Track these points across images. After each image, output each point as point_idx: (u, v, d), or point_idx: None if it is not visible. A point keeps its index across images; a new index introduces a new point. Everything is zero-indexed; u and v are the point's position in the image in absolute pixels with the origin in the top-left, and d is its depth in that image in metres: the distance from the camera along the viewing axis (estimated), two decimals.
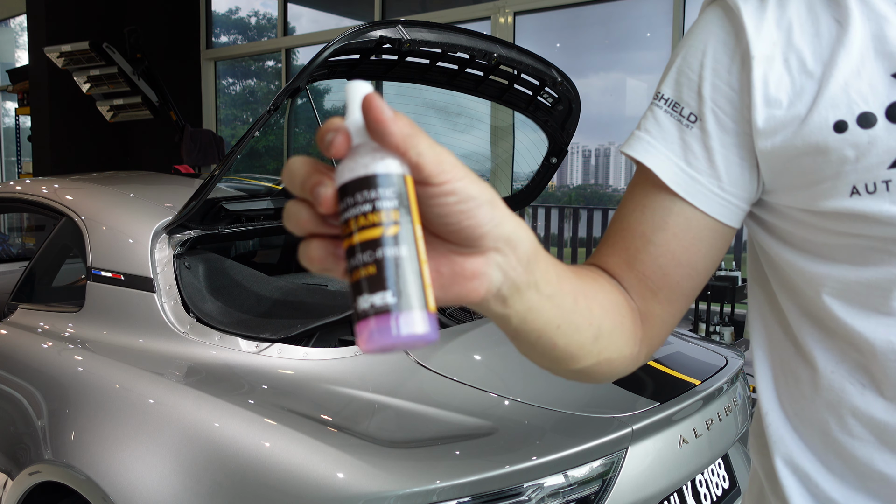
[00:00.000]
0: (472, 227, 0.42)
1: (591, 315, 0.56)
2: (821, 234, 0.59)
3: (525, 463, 1.28)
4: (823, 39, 0.57)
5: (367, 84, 0.39)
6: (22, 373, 1.80)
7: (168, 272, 1.81)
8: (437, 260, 0.44)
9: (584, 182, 5.47)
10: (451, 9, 4.65)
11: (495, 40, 2.08)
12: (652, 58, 4.23)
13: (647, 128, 0.64)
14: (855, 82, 0.54)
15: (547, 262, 0.51)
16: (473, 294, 0.45)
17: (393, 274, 0.37)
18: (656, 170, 0.62)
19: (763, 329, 0.69)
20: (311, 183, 0.39)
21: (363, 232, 0.37)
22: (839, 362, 0.60)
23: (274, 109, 1.69)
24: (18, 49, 8.77)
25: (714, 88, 0.60)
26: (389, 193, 0.38)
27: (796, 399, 0.64)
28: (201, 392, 1.49)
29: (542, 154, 2.52)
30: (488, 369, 1.68)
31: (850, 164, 0.54)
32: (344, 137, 0.39)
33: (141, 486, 1.40)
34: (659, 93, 0.64)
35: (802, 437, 0.64)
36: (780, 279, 0.65)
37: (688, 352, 1.93)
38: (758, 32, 0.58)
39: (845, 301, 0.58)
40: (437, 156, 0.40)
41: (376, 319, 0.37)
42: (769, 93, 0.57)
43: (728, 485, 1.74)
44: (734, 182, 0.61)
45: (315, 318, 1.70)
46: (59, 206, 2.07)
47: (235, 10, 6.64)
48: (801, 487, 0.64)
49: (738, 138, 0.60)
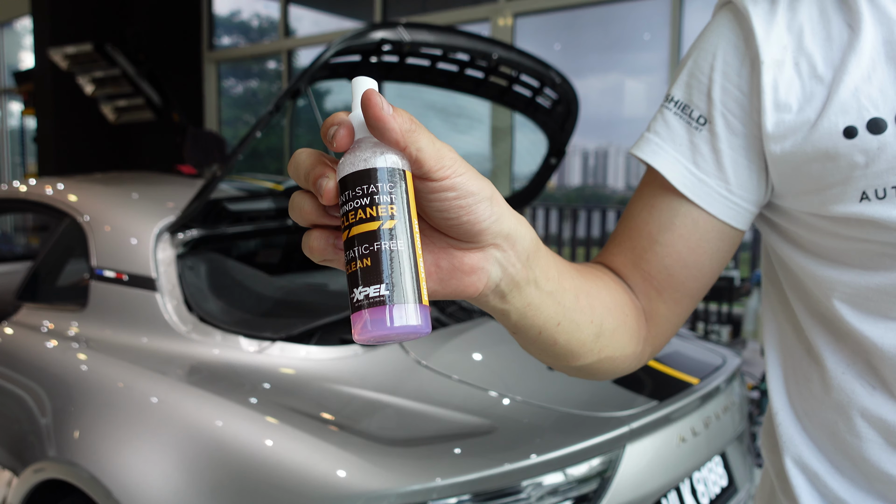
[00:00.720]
0: (471, 223, 0.42)
1: (592, 313, 0.56)
2: (830, 238, 0.58)
3: (524, 461, 1.29)
4: (835, 44, 0.56)
5: (371, 80, 0.40)
6: (26, 371, 1.82)
7: (170, 272, 1.82)
8: (437, 254, 0.44)
9: (584, 182, 5.48)
10: (451, 10, 4.66)
11: (495, 42, 2.09)
12: (650, 59, 4.24)
13: (656, 129, 0.64)
14: (865, 87, 0.54)
15: (548, 260, 0.51)
16: (471, 288, 0.45)
17: (388, 267, 0.38)
18: (664, 171, 0.62)
19: (775, 329, 0.69)
20: (315, 175, 0.40)
21: (361, 225, 0.38)
22: (849, 364, 0.60)
23: (275, 110, 1.70)
24: (23, 51, 8.80)
25: (724, 91, 0.60)
26: (387, 188, 0.38)
27: (806, 399, 0.64)
28: (204, 391, 1.50)
29: (541, 154, 2.53)
30: (488, 368, 1.69)
31: (859, 169, 0.54)
32: (347, 131, 0.40)
33: (144, 484, 1.41)
34: (669, 95, 0.64)
35: (812, 438, 0.64)
36: (791, 282, 0.65)
37: (686, 351, 1.94)
38: (767, 37, 0.58)
39: (855, 306, 0.58)
40: (438, 151, 0.40)
41: (370, 311, 0.38)
42: (779, 97, 0.57)
43: (726, 483, 1.75)
44: (742, 185, 0.61)
45: (316, 318, 1.72)
46: (62, 207, 2.08)
47: (237, 12, 6.66)
48: (811, 487, 0.64)
49: (747, 141, 0.60)
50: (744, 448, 1.89)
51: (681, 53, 3.71)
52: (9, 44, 8.87)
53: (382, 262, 0.38)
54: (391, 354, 1.63)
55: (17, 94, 7.38)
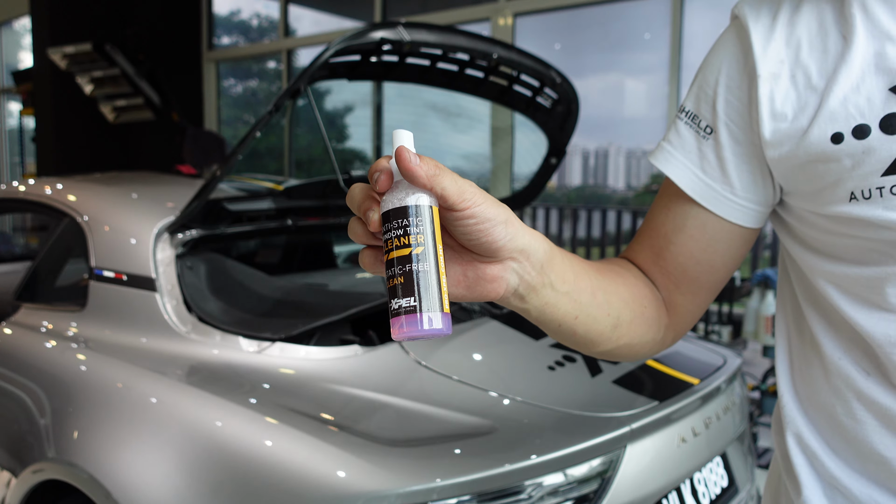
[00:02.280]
0: (489, 242, 0.52)
1: (609, 307, 0.65)
2: (826, 234, 0.63)
3: (525, 461, 1.29)
4: (829, 55, 0.60)
5: (407, 133, 0.51)
6: (25, 371, 1.82)
7: (170, 272, 1.82)
8: (464, 266, 0.55)
9: (584, 182, 5.48)
10: (451, 10, 4.66)
11: (495, 41, 2.08)
12: (650, 59, 4.24)
13: (669, 139, 0.71)
14: (853, 97, 0.58)
15: (564, 264, 0.60)
16: (493, 293, 0.55)
17: (417, 283, 0.49)
18: (675, 178, 0.69)
19: (784, 318, 0.74)
20: (364, 207, 0.51)
21: (397, 250, 0.49)
22: (846, 351, 0.64)
23: (275, 110, 1.70)
24: (22, 51, 8.80)
25: (727, 104, 0.66)
26: (416, 221, 0.49)
27: (808, 383, 0.69)
28: (203, 391, 1.50)
29: (541, 154, 2.52)
30: (488, 368, 1.69)
31: (847, 171, 0.58)
32: (387, 176, 0.50)
33: (143, 485, 1.40)
34: (682, 106, 0.71)
35: (812, 420, 0.69)
36: (796, 273, 0.70)
37: (686, 351, 1.94)
38: (764, 52, 0.63)
39: (849, 296, 0.63)
40: (459, 187, 0.50)
41: (405, 317, 0.49)
42: (775, 107, 0.62)
43: (727, 483, 1.75)
44: (746, 188, 0.67)
45: (316, 318, 1.71)
46: (61, 207, 2.08)
47: (237, 11, 6.66)
48: (809, 467, 0.68)
49: (749, 149, 0.65)
50: (744, 448, 1.88)
51: (681, 53, 3.71)
52: (8, 43, 8.87)
53: (413, 280, 0.49)
54: (391, 355, 1.63)
55: (16, 94, 7.38)
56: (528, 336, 1.78)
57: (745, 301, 3.49)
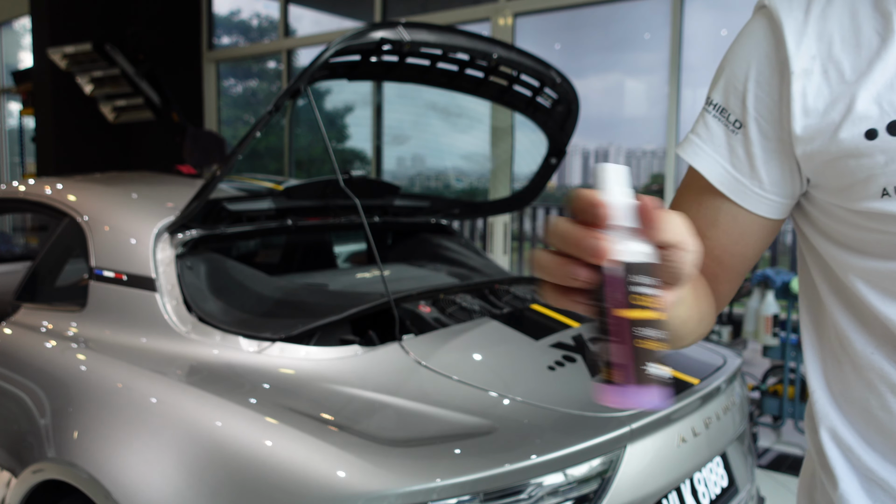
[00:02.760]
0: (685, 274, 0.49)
1: (699, 308, 0.68)
2: (855, 229, 0.63)
3: (525, 461, 1.29)
4: (863, 51, 0.60)
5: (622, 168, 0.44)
6: (25, 371, 1.82)
7: (170, 272, 1.82)
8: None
9: (584, 182, 5.48)
10: (451, 10, 4.66)
11: (495, 41, 2.08)
12: (650, 59, 4.24)
13: (698, 131, 0.70)
14: (888, 94, 0.58)
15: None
16: None
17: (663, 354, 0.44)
18: (705, 172, 0.68)
19: (809, 314, 0.75)
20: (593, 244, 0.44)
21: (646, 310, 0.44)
22: (878, 346, 0.65)
23: (275, 110, 1.70)
24: (22, 51, 8.80)
25: (757, 100, 0.65)
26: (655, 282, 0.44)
27: (840, 380, 0.69)
28: (203, 391, 1.50)
29: (541, 154, 2.52)
30: (488, 368, 1.69)
31: (879, 168, 0.58)
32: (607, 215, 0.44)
33: (143, 485, 1.41)
34: (710, 98, 0.70)
35: (845, 414, 0.69)
36: (821, 268, 0.71)
37: (686, 351, 1.94)
38: (797, 48, 0.62)
39: (878, 290, 0.63)
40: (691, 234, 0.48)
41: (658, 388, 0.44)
42: (807, 103, 0.62)
43: (727, 483, 1.75)
44: (775, 182, 0.67)
45: (316, 318, 1.71)
46: (61, 207, 2.08)
47: (237, 11, 6.66)
48: (845, 460, 0.69)
49: (778, 144, 0.65)
50: (744, 448, 1.88)
51: (681, 53, 3.71)
52: (8, 43, 8.87)
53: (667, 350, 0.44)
54: (391, 355, 1.63)
55: (16, 94, 7.37)
56: (528, 336, 1.78)
57: (745, 301, 3.49)
